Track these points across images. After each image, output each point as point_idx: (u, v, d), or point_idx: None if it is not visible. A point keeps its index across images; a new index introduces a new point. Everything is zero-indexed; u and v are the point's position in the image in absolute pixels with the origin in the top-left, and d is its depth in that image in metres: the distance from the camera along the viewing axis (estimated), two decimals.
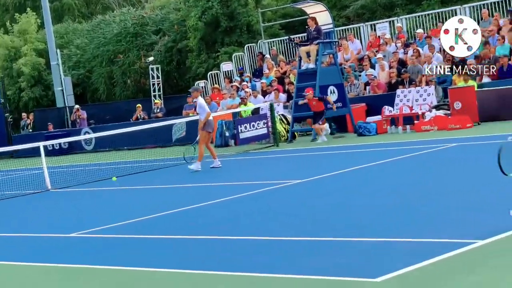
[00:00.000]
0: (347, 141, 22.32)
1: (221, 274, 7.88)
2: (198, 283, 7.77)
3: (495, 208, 9.51)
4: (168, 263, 8.73)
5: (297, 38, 30.48)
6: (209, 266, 8.27)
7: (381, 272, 7.00)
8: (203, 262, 8.57)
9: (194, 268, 8.25)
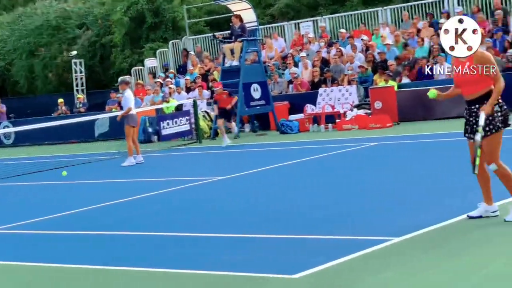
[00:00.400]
0: (269, 138, 22.49)
1: (138, 270, 7.89)
2: (114, 279, 7.77)
3: (411, 205, 9.77)
4: (85, 259, 8.69)
5: (222, 35, 30.54)
6: (126, 262, 8.27)
7: (299, 268, 7.11)
8: (120, 258, 8.56)
9: (112, 264, 8.25)
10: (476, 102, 8.13)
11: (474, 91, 8.13)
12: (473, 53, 8.10)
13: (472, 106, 8.17)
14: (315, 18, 32.59)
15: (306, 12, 39.69)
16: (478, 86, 8.11)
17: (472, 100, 8.17)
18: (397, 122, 22.01)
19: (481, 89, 8.09)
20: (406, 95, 22.53)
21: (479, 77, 8.06)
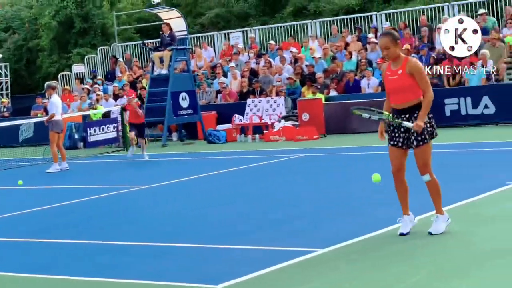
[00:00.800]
0: (196, 148, 22.46)
1: (62, 279, 7.78)
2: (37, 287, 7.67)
3: (336, 216, 9.86)
4: (8, 267, 8.54)
5: (151, 43, 30.45)
6: (50, 270, 8.16)
7: (222, 278, 7.11)
8: (43, 265, 8.44)
9: (34, 272, 8.12)
10: (405, 111, 8.16)
11: (404, 100, 8.15)
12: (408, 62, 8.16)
13: (401, 115, 8.18)
14: (245, 29, 32.75)
15: (236, 23, 39.84)
16: (407, 95, 8.13)
17: (401, 109, 8.19)
18: (324, 135, 22.22)
19: (411, 99, 8.12)
20: (334, 107, 22.77)
21: (410, 86, 8.11)
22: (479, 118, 21.30)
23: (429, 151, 8.17)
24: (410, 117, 8.13)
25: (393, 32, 8.46)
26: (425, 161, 8.16)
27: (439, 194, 8.27)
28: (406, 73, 8.12)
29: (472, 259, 7.26)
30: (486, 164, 13.81)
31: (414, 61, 8.21)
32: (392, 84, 8.23)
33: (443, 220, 8.26)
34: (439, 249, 7.69)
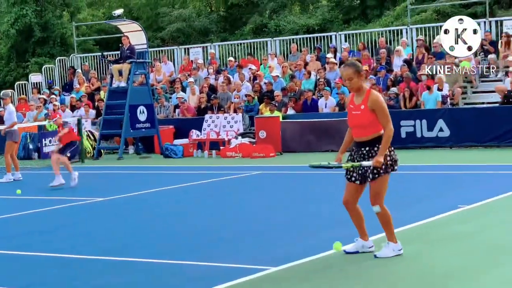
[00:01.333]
0: (153, 162, 22.40)
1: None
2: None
3: (289, 235, 9.90)
4: None
5: (111, 55, 30.37)
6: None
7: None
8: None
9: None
10: (365, 144, 8.20)
11: (364, 134, 8.18)
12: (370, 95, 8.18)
13: (362, 148, 8.22)
14: (205, 45, 32.81)
15: (197, 38, 39.93)
16: (368, 130, 8.16)
17: (361, 142, 8.23)
18: (280, 152, 22.31)
19: (371, 133, 8.14)
20: (291, 126, 22.88)
21: (372, 122, 8.13)
22: (434, 140, 21.57)
23: (383, 183, 8.18)
24: (370, 150, 8.15)
25: (356, 63, 8.40)
26: (378, 193, 8.18)
27: (389, 224, 8.29)
28: (368, 109, 8.14)
29: (423, 280, 7.34)
30: (440, 186, 13.98)
31: (376, 96, 8.17)
32: (355, 119, 8.25)
33: (394, 248, 8.30)
34: (390, 270, 7.77)
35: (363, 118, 8.17)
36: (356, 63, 8.40)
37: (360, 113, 8.19)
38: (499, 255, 8.19)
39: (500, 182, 14.22)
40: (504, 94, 21.63)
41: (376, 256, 8.26)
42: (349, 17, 38.10)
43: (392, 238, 8.32)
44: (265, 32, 38.15)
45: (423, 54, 25.30)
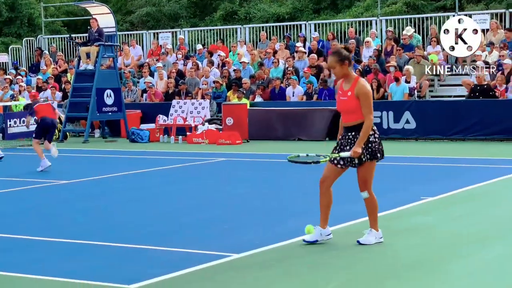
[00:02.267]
0: (118, 146, 22.29)
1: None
2: None
3: (252, 223, 9.90)
4: None
5: (79, 37, 30.12)
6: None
7: (135, 279, 7.08)
8: None
9: None
10: (352, 129, 8.28)
11: (350, 119, 8.27)
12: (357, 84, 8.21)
13: (348, 133, 8.30)
14: (174, 30, 32.69)
15: (166, 23, 39.74)
16: (354, 116, 8.24)
17: (349, 127, 8.32)
18: (247, 140, 22.29)
19: (357, 119, 8.21)
20: (258, 114, 22.87)
21: (358, 108, 8.21)
22: (400, 132, 21.69)
23: (370, 170, 8.27)
24: (356, 135, 8.23)
25: (340, 51, 8.37)
26: (365, 179, 8.27)
27: (374, 212, 8.40)
28: (354, 95, 8.22)
29: (385, 271, 7.38)
30: (404, 178, 14.07)
31: (362, 85, 8.24)
32: (342, 105, 8.38)
33: (376, 236, 8.40)
34: (353, 260, 7.80)
35: (349, 104, 8.27)
36: (339, 51, 8.39)
37: (346, 99, 8.31)
38: (461, 247, 8.26)
39: (463, 175, 14.35)
40: (471, 88, 21.80)
41: (359, 242, 8.33)
42: (319, 6, 38.15)
43: (375, 225, 8.42)
44: (235, 19, 38.08)
45: (392, 46, 25.40)
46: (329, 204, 8.43)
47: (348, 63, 8.33)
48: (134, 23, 41.36)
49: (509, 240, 8.68)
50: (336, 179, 8.42)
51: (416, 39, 25.77)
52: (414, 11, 33.24)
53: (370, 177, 8.32)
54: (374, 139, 8.25)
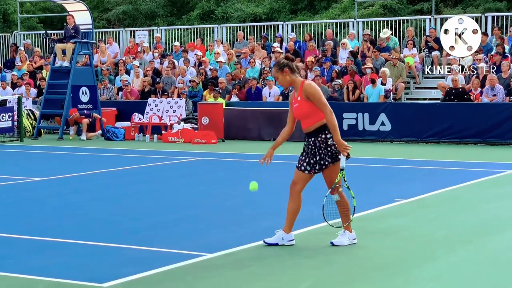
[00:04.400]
0: (93, 143, 22.18)
1: None
2: None
3: (225, 222, 9.89)
4: None
5: (55, 34, 29.96)
6: None
7: (109, 277, 7.05)
8: None
9: None
10: (311, 135, 8.24)
11: (308, 124, 8.23)
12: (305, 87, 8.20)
13: (309, 139, 8.26)
14: (151, 28, 32.60)
15: (143, 21, 39.62)
16: (310, 120, 8.20)
17: (308, 133, 8.28)
18: (222, 139, 22.28)
19: (314, 123, 8.18)
20: (234, 113, 22.87)
21: (311, 111, 8.17)
22: (375, 134, 21.78)
23: (335, 172, 8.25)
24: (315, 140, 8.19)
25: (279, 61, 8.42)
26: (332, 183, 8.28)
27: (347, 213, 8.39)
28: (304, 99, 8.21)
29: (356, 272, 7.41)
30: (378, 180, 14.12)
31: (308, 85, 8.22)
32: (296, 111, 8.35)
33: (349, 237, 8.42)
34: (324, 261, 7.82)
35: (301, 108, 8.25)
36: (278, 61, 8.45)
37: (298, 104, 8.29)
38: (433, 249, 8.30)
39: (437, 177, 14.42)
40: (446, 91, 21.93)
41: (332, 244, 8.35)
42: (296, 7, 38.19)
43: (348, 227, 8.43)
44: (212, 18, 38.04)
45: (368, 48, 25.49)
46: (297, 209, 8.38)
47: (289, 70, 8.32)
48: (110, 21, 41.20)
49: (478, 243, 8.73)
50: (306, 184, 8.40)
51: (392, 42, 25.88)
52: (391, 13, 33.38)
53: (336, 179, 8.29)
54: (333, 142, 8.20)
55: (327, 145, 8.19)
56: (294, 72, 8.38)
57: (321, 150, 8.20)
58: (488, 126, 20.55)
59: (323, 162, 8.19)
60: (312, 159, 8.23)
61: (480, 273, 7.35)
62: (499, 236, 9.12)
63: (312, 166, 8.25)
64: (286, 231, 8.41)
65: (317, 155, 8.21)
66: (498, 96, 21.33)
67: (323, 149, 8.19)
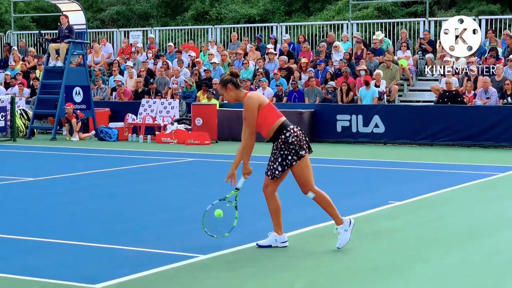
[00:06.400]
0: (86, 144, 22.14)
1: None
2: None
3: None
4: None
5: (48, 34, 29.91)
6: None
7: (101, 278, 7.04)
8: None
9: None
10: (273, 139, 8.28)
11: (266, 131, 8.28)
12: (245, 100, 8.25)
13: (273, 144, 8.32)
14: (145, 29, 32.58)
15: (137, 21, 39.58)
16: (266, 126, 8.25)
17: (269, 139, 8.35)
18: (216, 140, 22.27)
19: (270, 126, 8.22)
20: (227, 114, 22.86)
21: (260, 119, 8.22)
22: (369, 136, 21.80)
23: (303, 169, 8.18)
24: (277, 143, 8.22)
25: (223, 77, 8.49)
26: (302, 180, 8.22)
27: (330, 205, 8.31)
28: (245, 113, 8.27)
29: (350, 273, 7.41)
30: (372, 182, 14.12)
31: (245, 99, 8.25)
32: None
33: (345, 229, 8.32)
34: (317, 263, 7.81)
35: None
36: (222, 79, 8.49)
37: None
38: (426, 251, 8.32)
39: (431, 180, 14.44)
40: (440, 94, 21.96)
41: (339, 248, 8.28)
42: (291, 9, 38.19)
43: (338, 219, 8.34)
44: (206, 19, 38.01)
45: (362, 50, 25.51)
46: (277, 209, 8.35)
47: (233, 86, 8.34)
48: (104, 21, 41.14)
49: (471, 245, 8.75)
50: (278, 185, 8.39)
51: (386, 44, 25.90)
52: (385, 16, 33.42)
53: (307, 176, 8.22)
54: (292, 139, 8.17)
55: (288, 144, 8.18)
56: (239, 87, 8.39)
57: (283, 151, 8.21)
58: (481, 129, 20.59)
59: (287, 161, 8.17)
60: (277, 161, 8.24)
61: (474, 275, 7.36)
62: (492, 238, 9.14)
63: (278, 169, 8.24)
64: (278, 232, 8.40)
65: (280, 156, 8.21)
66: (491, 99, 21.38)
67: (285, 149, 8.19)
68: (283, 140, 8.18)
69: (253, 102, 8.19)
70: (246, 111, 8.20)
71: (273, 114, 8.26)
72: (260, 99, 8.27)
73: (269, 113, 8.25)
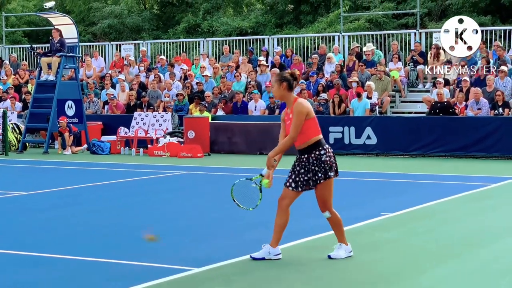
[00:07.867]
0: (79, 157, 22.10)
1: None
2: None
3: (212, 237, 9.86)
4: None
5: (40, 48, 29.90)
6: None
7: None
8: None
9: None
10: (304, 152, 8.24)
11: (301, 141, 8.22)
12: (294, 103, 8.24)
13: (302, 156, 8.26)
14: (137, 42, 32.59)
15: (129, 35, 39.61)
16: (303, 136, 8.19)
17: (301, 150, 8.28)
18: (208, 153, 22.27)
19: (306, 140, 8.19)
20: (220, 127, 22.86)
21: (303, 128, 8.17)
22: (361, 148, 21.83)
23: (326, 189, 8.23)
24: (309, 156, 8.19)
25: (282, 72, 8.54)
26: (323, 199, 8.27)
27: (340, 227, 8.42)
28: (292, 115, 8.23)
29: (344, 285, 7.40)
30: (364, 194, 14.13)
31: (298, 103, 8.24)
32: (288, 128, 8.32)
33: (346, 250, 8.44)
34: (311, 276, 7.79)
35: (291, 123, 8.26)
36: (281, 73, 8.52)
37: (290, 122, 8.30)
38: (421, 262, 8.31)
39: (423, 191, 14.45)
40: (431, 105, 22.01)
41: (330, 257, 8.35)
42: (282, 21, 38.27)
43: (343, 239, 8.44)
44: (198, 32, 38.06)
45: (354, 62, 25.57)
46: (284, 224, 8.35)
47: (287, 85, 8.33)
48: (96, 35, 41.16)
49: (465, 256, 8.75)
50: (294, 200, 8.38)
51: (377, 56, 25.97)
52: (377, 28, 33.51)
53: (328, 196, 8.29)
54: (326, 158, 8.20)
55: (321, 162, 8.18)
56: (292, 89, 8.40)
57: (314, 167, 8.20)
58: (473, 140, 20.64)
59: (316, 177, 8.18)
60: (306, 176, 8.22)
61: (469, 285, 7.36)
62: (486, 248, 9.14)
63: (303, 183, 8.23)
64: (273, 245, 8.38)
65: (311, 172, 8.20)
66: (482, 110, 21.43)
67: (316, 165, 8.19)
68: (317, 157, 8.19)
69: (304, 110, 8.22)
70: (297, 115, 8.16)
71: (316, 129, 8.27)
72: (309, 108, 8.30)
73: (313, 125, 8.25)
